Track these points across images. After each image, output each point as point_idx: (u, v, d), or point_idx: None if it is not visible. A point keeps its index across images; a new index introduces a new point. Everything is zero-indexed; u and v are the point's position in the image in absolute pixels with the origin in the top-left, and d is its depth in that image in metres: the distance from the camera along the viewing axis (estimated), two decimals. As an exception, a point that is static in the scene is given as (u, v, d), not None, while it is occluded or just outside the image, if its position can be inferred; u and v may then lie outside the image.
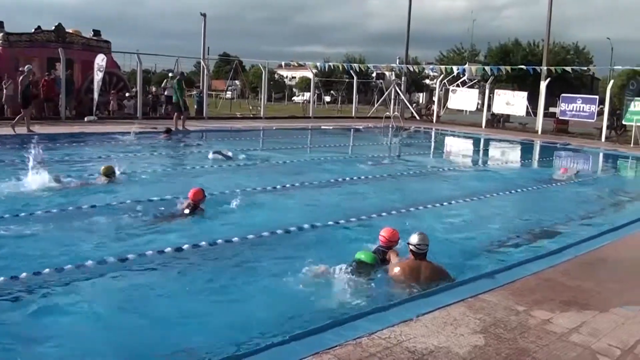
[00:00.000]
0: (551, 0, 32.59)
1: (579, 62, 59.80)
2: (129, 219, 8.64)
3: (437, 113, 34.80)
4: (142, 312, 5.69)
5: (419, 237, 6.39)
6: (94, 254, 6.91)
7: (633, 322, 5.27)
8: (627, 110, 26.23)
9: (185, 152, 17.36)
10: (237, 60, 43.47)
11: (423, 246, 6.39)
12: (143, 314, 5.64)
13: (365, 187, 12.88)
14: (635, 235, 8.81)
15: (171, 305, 5.84)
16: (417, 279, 6.25)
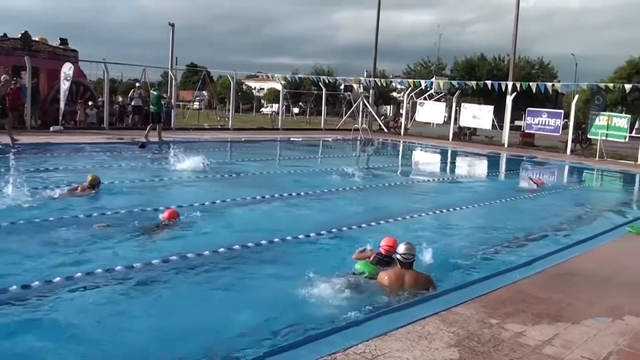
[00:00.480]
0: (517, 17, 33.25)
1: (544, 77, 61.00)
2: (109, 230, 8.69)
3: (405, 126, 35.07)
4: (113, 326, 5.60)
5: (405, 247, 6.59)
6: (79, 267, 6.86)
7: (605, 334, 5.33)
8: (592, 124, 26.81)
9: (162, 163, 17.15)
10: (205, 70, 43.24)
11: (409, 255, 6.55)
12: (115, 327, 5.56)
13: (336, 199, 12.88)
14: (603, 247, 8.96)
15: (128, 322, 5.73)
16: (401, 287, 6.40)
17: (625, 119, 26.88)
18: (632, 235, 9.98)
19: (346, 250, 7.96)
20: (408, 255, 6.55)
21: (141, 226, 8.97)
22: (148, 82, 33.87)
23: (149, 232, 8.80)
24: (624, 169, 22.12)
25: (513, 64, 35.95)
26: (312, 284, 6.36)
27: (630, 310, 5.98)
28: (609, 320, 5.68)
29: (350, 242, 8.38)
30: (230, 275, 7.13)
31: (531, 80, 50.42)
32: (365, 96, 36.32)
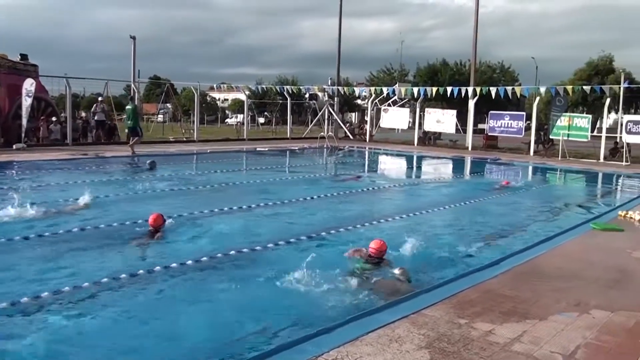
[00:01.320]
0: (476, 24, 33.79)
1: (505, 80, 62.00)
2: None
3: (370, 132, 35.25)
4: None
5: (399, 271, 7.24)
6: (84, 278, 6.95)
7: (572, 328, 5.40)
8: (554, 125, 27.28)
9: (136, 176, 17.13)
10: (168, 83, 42.92)
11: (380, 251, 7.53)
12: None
13: (303, 207, 12.85)
14: (568, 244, 9.09)
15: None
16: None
17: (587, 119, 27.39)
18: (596, 231, 10.15)
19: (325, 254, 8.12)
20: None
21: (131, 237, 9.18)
22: (111, 96, 33.48)
23: (140, 242, 9.01)
24: (586, 168, 22.55)
25: (474, 69, 36.53)
26: (296, 284, 6.52)
27: (597, 304, 6.07)
28: (576, 314, 5.75)
29: (329, 246, 8.74)
30: (206, 285, 7.15)
31: (492, 84, 51.20)
32: (330, 104, 36.40)
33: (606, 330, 5.37)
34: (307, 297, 6.46)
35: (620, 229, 10.29)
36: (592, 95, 27.21)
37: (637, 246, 8.95)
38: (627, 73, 50.83)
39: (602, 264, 7.85)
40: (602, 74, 54.13)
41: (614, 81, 45.73)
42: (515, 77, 66.91)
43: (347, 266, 7.61)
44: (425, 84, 55.09)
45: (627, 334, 5.33)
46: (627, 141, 24.80)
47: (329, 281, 6.80)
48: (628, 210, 11.88)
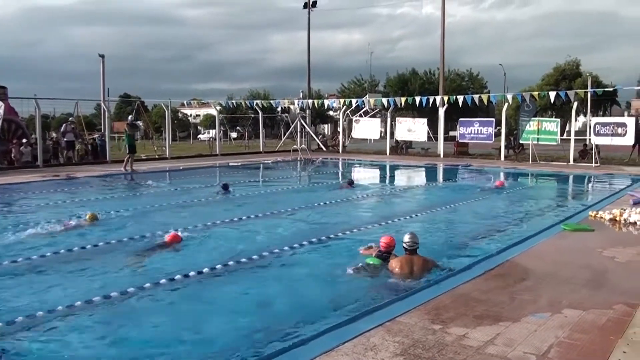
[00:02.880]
0: (443, 33, 34.21)
1: (474, 88, 62.72)
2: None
3: (343, 143, 35.38)
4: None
5: (409, 237, 7.88)
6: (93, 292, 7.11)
7: (545, 329, 5.44)
8: (523, 130, 27.67)
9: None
10: (138, 100, 42.68)
11: (412, 243, 7.81)
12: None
13: (280, 220, 12.83)
14: (540, 245, 9.20)
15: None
16: (411, 271, 7.60)
17: (555, 123, 27.83)
18: (567, 232, 10.29)
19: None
20: (412, 243, 7.79)
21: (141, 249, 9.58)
22: (81, 116, 33.20)
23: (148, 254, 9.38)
24: (556, 171, 22.88)
25: (442, 78, 36.92)
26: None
27: (569, 304, 6.14)
28: (549, 315, 5.81)
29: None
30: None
31: (462, 91, 51.80)
32: (302, 117, 36.48)
33: (578, 329, 5.43)
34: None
35: (590, 229, 10.43)
36: (559, 99, 27.57)
37: (608, 245, 9.08)
38: (594, 77, 51.72)
39: (574, 264, 7.95)
40: (569, 78, 55.00)
41: (581, 85, 46.48)
42: (484, 84, 67.77)
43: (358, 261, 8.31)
44: (395, 93, 55.49)
45: (598, 331, 5.39)
46: (596, 143, 25.22)
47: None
48: (598, 210, 12.05)
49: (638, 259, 8.19)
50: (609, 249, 8.80)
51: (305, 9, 39.91)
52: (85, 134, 32.22)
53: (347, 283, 7.69)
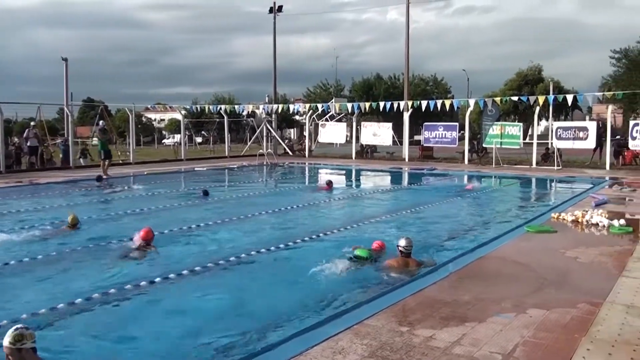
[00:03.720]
0: (408, 39, 34.53)
1: (438, 93, 63.39)
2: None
3: (309, 147, 35.40)
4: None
5: (405, 241, 8.40)
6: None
7: (510, 328, 5.50)
8: (486, 134, 28.06)
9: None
10: (102, 105, 42.07)
11: (409, 247, 8.37)
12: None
13: (249, 224, 12.78)
14: (504, 247, 9.29)
15: None
16: (407, 271, 8.11)
17: (518, 127, 28.31)
18: (530, 233, 10.42)
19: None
20: (408, 247, 8.36)
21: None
22: (44, 121, 32.57)
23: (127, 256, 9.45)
24: (519, 174, 23.22)
25: (407, 83, 37.26)
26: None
27: (534, 304, 6.21)
28: (514, 315, 5.87)
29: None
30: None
31: (426, 96, 52.31)
32: (268, 121, 36.41)
33: (543, 328, 5.50)
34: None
35: (553, 231, 10.60)
36: (522, 104, 28.08)
37: (570, 246, 9.23)
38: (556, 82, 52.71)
39: (538, 265, 8.05)
40: (531, 83, 56.01)
41: (544, 90, 47.36)
42: (448, 89, 68.63)
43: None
44: (360, 98, 55.79)
45: (563, 329, 5.47)
46: (558, 146, 25.74)
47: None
48: (560, 212, 12.24)
49: (600, 259, 8.33)
50: (572, 250, 8.94)
51: (271, 13, 39.89)
52: (48, 139, 31.64)
53: (318, 284, 7.76)
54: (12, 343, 4.22)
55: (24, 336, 4.28)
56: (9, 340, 4.23)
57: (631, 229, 10.59)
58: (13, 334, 4.25)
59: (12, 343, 4.22)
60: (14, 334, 4.26)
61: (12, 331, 4.29)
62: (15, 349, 4.23)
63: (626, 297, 6.45)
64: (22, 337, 4.26)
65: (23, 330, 4.31)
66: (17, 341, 4.24)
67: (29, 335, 4.30)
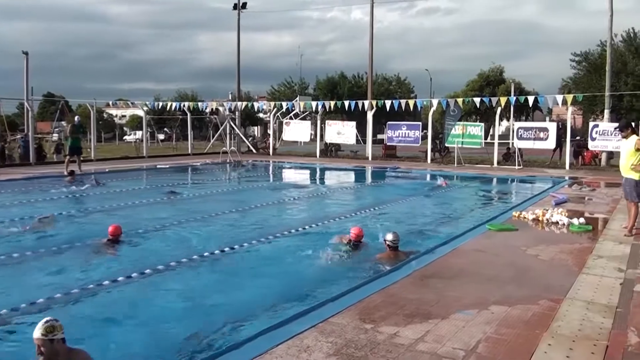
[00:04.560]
0: (372, 40, 34.66)
1: (401, 92, 63.79)
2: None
3: (273, 146, 35.30)
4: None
5: (392, 236, 8.92)
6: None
7: (472, 324, 5.57)
8: (449, 133, 28.37)
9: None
10: (62, 100, 41.28)
11: (396, 241, 8.90)
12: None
13: (217, 221, 12.78)
14: (466, 245, 9.41)
15: None
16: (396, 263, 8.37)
17: (479, 127, 28.71)
18: (492, 231, 10.57)
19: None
20: (396, 241, 8.89)
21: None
22: (3, 115, 31.78)
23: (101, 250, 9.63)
24: (481, 173, 23.55)
25: (371, 83, 37.42)
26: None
27: (495, 300, 6.30)
28: (476, 311, 5.95)
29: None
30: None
31: (389, 95, 52.59)
32: (231, 118, 36.17)
33: (505, 324, 5.59)
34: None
35: (514, 229, 10.76)
36: (484, 104, 28.47)
37: (531, 244, 9.39)
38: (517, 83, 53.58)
39: (499, 262, 8.17)
40: (493, 84, 56.85)
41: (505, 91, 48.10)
42: (411, 88, 69.14)
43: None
44: (325, 96, 55.83)
45: (524, 325, 5.56)
46: (519, 146, 26.16)
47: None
48: (521, 210, 12.44)
49: (560, 257, 8.49)
50: (533, 248, 9.10)
51: (235, 10, 39.60)
52: (7, 135, 30.92)
53: (297, 277, 8.18)
54: (44, 335, 4.44)
55: (55, 327, 4.50)
56: (41, 332, 4.44)
57: (590, 227, 10.84)
58: (44, 326, 4.46)
59: (44, 335, 4.44)
60: (45, 326, 4.47)
61: (42, 323, 4.49)
62: (47, 340, 4.44)
63: (586, 294, 6.59)
64: (53, 329, 4.48)
65: (53, 322, 4.52)
66: (49, 332, 4.46)
67: (58, 327, 4.52)
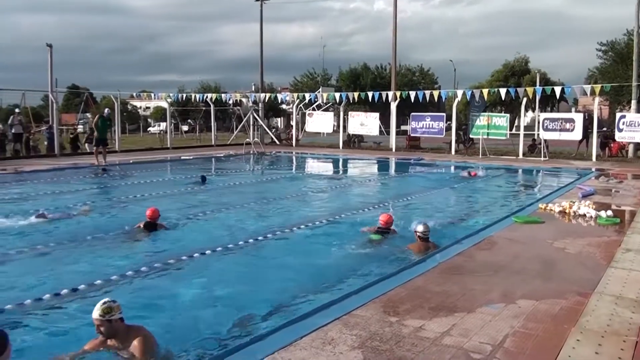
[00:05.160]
0: (395, 28, 34.38)
1: (425, 83, 63.36)
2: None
3: (296, 137, 35.30)
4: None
5: (423, 227, 8.98)
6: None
7: (499, 319, 5.50)
8: (473, 124, 28.12)
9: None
10: (87, 92, 41.65)
11: (426, 232, 8.94)
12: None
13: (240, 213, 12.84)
14: (492, 238, 9.28)
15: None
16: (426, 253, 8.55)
17: (505, 118, 28.41)
18: (518, 224, 10.44)
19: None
20: (427, 232, 8.94)
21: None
22: (29, 107, 32.19)
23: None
24: (506, 164, 23.31)
25: (395, 74, 37.12)
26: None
27: (522, 294, 6.21)
28: (503, 305, 5.87)
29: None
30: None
31: (413, 86, 52.25)
32: (255, 110, 36.22)
33: (532, 318, 5.50)
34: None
35: (541, 221, 10.61)
36: (509, 95, 28.14)
37: (557, 237, 9.25)
38: (543, 73, 52.85)
39: (526, 256, 8.06)
40: (518, 74, 56.19)
41: (530, 81, 47.51)
42: (435, 79, 68.61)
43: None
44: (347, 87, 55.66)
45: (552, 320, 5.47)
46: (544, 138, 25.84)
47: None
48: (548, 202, 12.28)
49: (588, 250, 8.36)
50: (560, 241, 8.96)
51: (258, 1, 39.62)
52: (32, 126, 31.27)
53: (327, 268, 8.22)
54: (102, 315, 4.83)
55: (112, 308, 4.87)
56: (99, 313, 4.83)
57: (618, 220, 10.65)
58: (102, 307, 4.85)
59: (102, 315, 4.83)
60: (102, 307, 4.85)
61: (100, 305, 4.87)
62: (105, 320, 4.83)
63: (615, 288, 6.47)
64: (110, 310, 4.86)
65: (111, 304, 4.89)
66: (106, 313, 4.84)
67: (116, 308, 4.90)
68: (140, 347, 4.85)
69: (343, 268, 8.16)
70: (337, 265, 8.38)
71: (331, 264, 8.51)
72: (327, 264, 8.46)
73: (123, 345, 4.88)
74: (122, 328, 4.91)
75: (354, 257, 8.84)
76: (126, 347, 4.87)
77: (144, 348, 4.87)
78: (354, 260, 8.62)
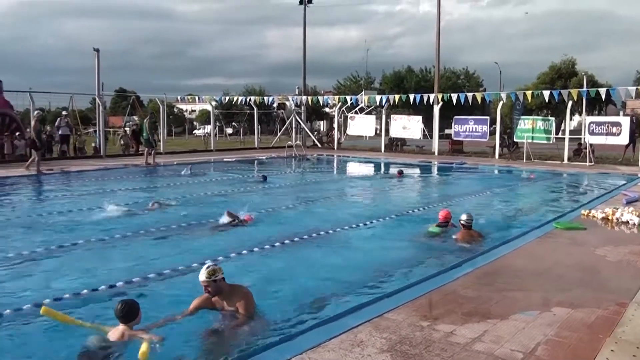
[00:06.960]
0: (439, 31, 34.17)
1: (470, 86, 62.70)
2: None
3: (338, 140, 35.33)
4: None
5: (466, 216, 9.88)
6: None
7: (532, 326, 5.41)
8: (517, 128, 27.70)
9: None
10: (134, 95, 42.49)
11: (470, 220, 9.84)
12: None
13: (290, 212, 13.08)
14: (531, 244, 9.16)
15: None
16: (470, 241, 9.64)
17: (550, 122, 27.90)
18: (559, 230, 10.25)
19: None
20: (469, 221, 9.84)
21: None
22: (76, 110, 33.01)
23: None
24: (550, 169, 22.87)
25: (438, 76, 36.92)
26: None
27: (559, 302, 6.11)
28: (537, 312, 5.77)
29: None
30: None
31: (457, 89, 51.74)
32: (297, 113, 36.40)
33: (567, 327, 5.40)
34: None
35: (582, 228, 10.40)
36: (554, 98, 27.64)
37: (599, 244, 9.06)
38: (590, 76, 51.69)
39: (564, 262, 7.92)
40: (565, 77, 54.99)
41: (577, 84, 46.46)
42: (480, 82, 67.82)
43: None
44: (391, 91, 55.48)
45: (587, 329, 5.36)
46: (590, 142, 25.28)
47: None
48: (591, 209, 12.02)
49: (629, 258, 8.16)
50: (601, 248, 8.78)
51: (301, 5, 39.82)
52: (80, 128, 32.07)
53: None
54: (207, 277, 5.69)
55: (215, 271, 5.75)
56: (205, 276, 5.69)
57: (663, 227, 10.37)
58: (207, 271, 5.72)
59: (207, 277, 5.69)
60: (207, 270, 5.72)
61: (205, 269, 5.75)
62: (211, 280, 5.69)
63: (654, 298, 6.31)
64: (214, 272, 5.73)
65: (214, 267, 5.80)
66: (211, 275, 5.70)
67: (218, 270, 5.79)
68: (243, 302, 5.79)
69: (388, 265, 8.40)
70: (390, 261, 8.68)
71: (381, 261, 8.66)
72: (377, 262, 8.61)
73: (227, 300, 5.79)
74: (225, 287, 5.79)
75: (410, 252, 9.45)
76: (231, 302, 5.79)
77: (246, 303, 5.79)
78: (407, 254, 9.25)
